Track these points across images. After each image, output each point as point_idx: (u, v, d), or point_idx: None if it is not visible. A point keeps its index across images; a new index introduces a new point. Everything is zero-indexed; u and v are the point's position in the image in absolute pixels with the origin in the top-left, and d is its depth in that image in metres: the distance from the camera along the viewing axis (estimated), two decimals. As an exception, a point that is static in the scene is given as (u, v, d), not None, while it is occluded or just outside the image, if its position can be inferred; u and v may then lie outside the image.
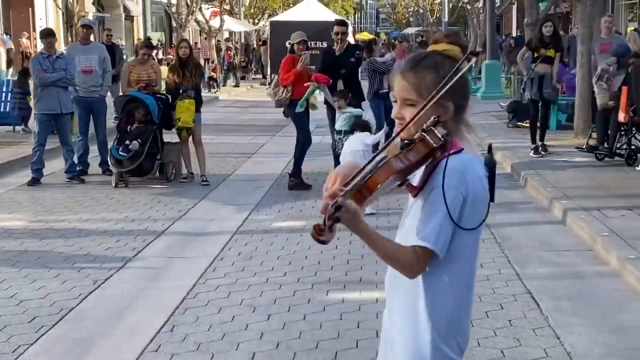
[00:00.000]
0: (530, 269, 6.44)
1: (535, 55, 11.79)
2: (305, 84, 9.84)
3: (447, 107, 2.38)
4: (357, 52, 10.55)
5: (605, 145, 10.92)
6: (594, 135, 11.46)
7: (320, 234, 2.22)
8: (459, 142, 2.37)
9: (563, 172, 10.18)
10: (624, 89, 10.29)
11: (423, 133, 2.30)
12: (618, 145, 10.75)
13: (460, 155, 2.34)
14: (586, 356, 4.67)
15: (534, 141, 11.71)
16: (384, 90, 11.63)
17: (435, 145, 2.27)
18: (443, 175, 2.29)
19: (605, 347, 4.80)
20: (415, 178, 2.41)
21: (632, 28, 21.67)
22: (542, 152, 11.58)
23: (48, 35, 10.59)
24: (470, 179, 2.34)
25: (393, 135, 2.41)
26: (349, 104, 9.61)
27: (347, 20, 13.69)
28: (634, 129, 10.57)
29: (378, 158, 2.32)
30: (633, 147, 10.57)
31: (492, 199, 2.35)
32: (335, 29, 10.41)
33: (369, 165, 2.30)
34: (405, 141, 2.34)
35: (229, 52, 33.23)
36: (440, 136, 2.27)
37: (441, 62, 2.39)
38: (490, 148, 8.83)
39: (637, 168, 10.14)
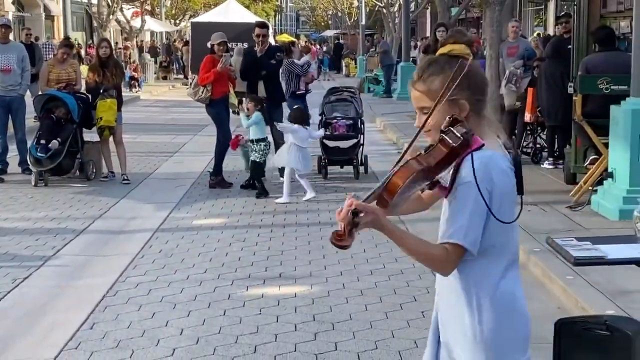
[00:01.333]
0: (442, 262, 6.54)
1: None
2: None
3: (462, 104, 2.36)
4: (278, 53, 10.54)
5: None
6: (502, 134, 11.73)
7: (340, 239, 2.20)
8: (479, 139, 2.33)
9: (473, 170, 10.38)
10: (530, 90, 10.57)
11: (442, 134, 2.28)
12: (524, 144, 11.05)
13: (482, 151, 2.30)
14: (493, 344, 4.77)
15: None
16: (301, 92, 11.68)
17: (454, 144, 2.25)
18: (468, 171, 2.27)
19: (512, 335, 4.91)
20: (446, 179, 2.38)
21: (537, 33, 22.32)
22: None
23: (-36, 34, 10.25)
24: (495, 173, 2.31)
25: (410, 140, 2.39)
26: (259, 110, 9.56)
27: (267, 22, 13.67)
28: (539, 128, 10.87)
29: (401, 163, 2.30)
30: (538, 145, 10.88)
31: (521, 192, 2.37)
32: (257, 31, 10.37)
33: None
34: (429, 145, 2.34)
35: (127, 50, 32.10)
36: (459, 135, 2.25)
37: (445, 63, 2.39)
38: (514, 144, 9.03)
39: (542, 165, 10.43)
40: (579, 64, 8.75)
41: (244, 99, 9.77)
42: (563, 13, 12.98)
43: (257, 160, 9.41)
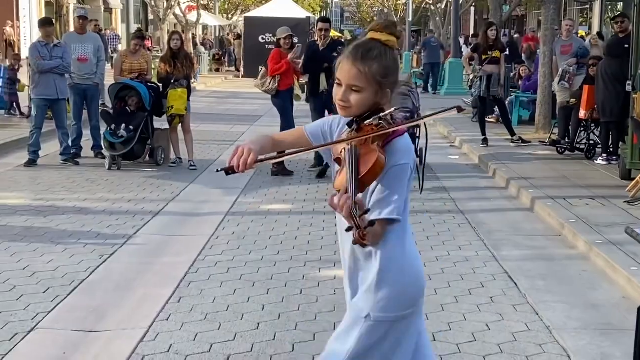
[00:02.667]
0: (504, 251, 6.62)
1: (483, 57, 12.11)
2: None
3: (387, 93, 2.56)
4: (340, 47, 10.63)
5: (566, 139, 11.18)
6: (555, 130, 11.72)
7: (364, 238, 2.31)
8: (404, 126, 2.56)
9: (528, 164, 10.41)
10: (586, 87, 10.53)
11: (384, 118, 2.49)
12: (578, 140, 11.01)
13: (405, 137, 2.56)
14: (563, 330, 4.84)
15: (483, 133, 12.10)
16: None
17: (390, 131, 2.48)
18: (401, 155, 2.51)
19: (580, 321, 4.98)
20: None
21: (584, 32, 22.08)
22: (522, 144, 11.95)
23: (46, 24, 10.51)
24: (414, 155, 2.60)
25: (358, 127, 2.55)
26: None
27: (329, 18, 13.76)
28: (593, 125, 10.83)
29: (352, 152, 2.42)
30: (592, 141, 10.83)
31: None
32: (320, 25, 10.53)
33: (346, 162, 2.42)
34: (357, 124, 2.53)
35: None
36: (391, 122, 2.50)
37: (385, 53, 2.55)
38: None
39: (595, 162, 10.39)
40: (638, 63, 8.71)
41: None
42: (619, 13, 12.87)
43: None
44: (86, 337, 4.66)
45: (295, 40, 10.86)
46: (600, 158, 10.33)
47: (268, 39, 29.71)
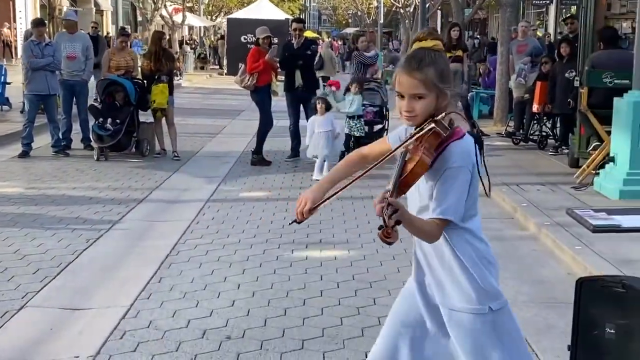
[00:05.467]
0: (462, 233, 6.67)
1: (448, 55, 12.16)
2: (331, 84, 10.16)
3: (446, 94, 2.50)
4: (313, 46, 10.65)
5: (521, 131, 11.27)
6: (511, 123, 11.81)
7: (389, 236, 2.21)
8: (462, 129, 2.48)
9: (485, 154, 10.43)
10: (539, 84, 10.61)
11: (434, 126, 2.40)
12: (531, 132, 11.11)
13: (465, 139, 2.47)
14: (513, 304, 4.79)
15: None
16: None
17: (445, 134, 2.41)
18: (457, 157, 2.42)
19: (529, 295, 5.05)
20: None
21: (540, 33, 22.20)
22: (481, 136, 11.98)
23: (39, 24, 10.41)
24: (473, 157, 2.47)
25: (412, 132, 2.48)
26: (360, 92, 10.06)
27: (303, 19, 13.77)
28: (545, 118, 10.92)
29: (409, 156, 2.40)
30: (544, 133, 10.93)
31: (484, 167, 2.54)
32: (294, 25, 10.53)
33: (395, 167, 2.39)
34: (416, 130, 2.46)
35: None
36: (447, 125, 2.42)
37: (436, 58, 2.51)
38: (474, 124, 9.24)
39: (549, 153, 10.48)
40: (584, 61, 8.79)
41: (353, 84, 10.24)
42: (569, 15, 12.97)
43: (357, 134, 9.90)
44: (72, 314, 4.65)
45: (275, 40, 10.85)
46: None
47: (250, 39, 29.53)
